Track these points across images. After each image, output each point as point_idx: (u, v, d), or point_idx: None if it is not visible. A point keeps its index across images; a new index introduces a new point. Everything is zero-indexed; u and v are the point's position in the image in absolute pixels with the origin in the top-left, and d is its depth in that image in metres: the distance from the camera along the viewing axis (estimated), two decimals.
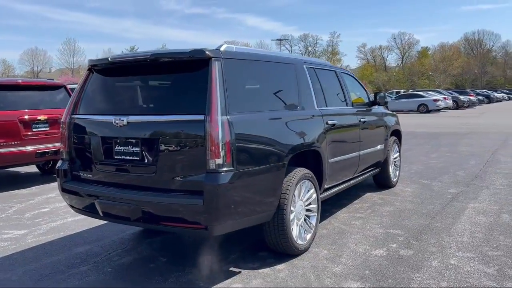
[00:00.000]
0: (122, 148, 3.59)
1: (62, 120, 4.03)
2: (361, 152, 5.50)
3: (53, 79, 9.61)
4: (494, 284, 3.36)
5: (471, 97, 37.27)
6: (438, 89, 40.98)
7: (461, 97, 35.76)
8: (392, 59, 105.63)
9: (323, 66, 5.21)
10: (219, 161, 3.18)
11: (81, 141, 3.90)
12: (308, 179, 4.13)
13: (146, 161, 3.47)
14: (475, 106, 38.82)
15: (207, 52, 3.33)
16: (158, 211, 3.37)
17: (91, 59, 4.02)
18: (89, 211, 3.84)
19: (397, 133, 6.95)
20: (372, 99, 6.20)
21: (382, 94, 6.23)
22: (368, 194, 6.43)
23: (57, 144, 7.78)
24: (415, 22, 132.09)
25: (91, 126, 3.82)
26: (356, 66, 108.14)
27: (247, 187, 3.40)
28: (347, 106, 5.41)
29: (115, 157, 3.64)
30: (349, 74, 5.98)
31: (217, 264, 3.91)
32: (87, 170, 3.85)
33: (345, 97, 5.44)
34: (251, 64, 3.78)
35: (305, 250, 4.10)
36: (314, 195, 4.27)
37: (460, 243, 4.26)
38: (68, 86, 8.69)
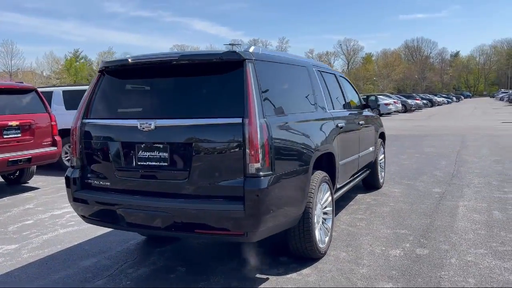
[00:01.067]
0: (147, 153, 3.41)
1: (72, 126, 3.77)
2: (360, 154, 5.59)
3: (22, 82, 9.01)
4: None
5: (417, 101, 39.21)
6: (388, 94, 42.65)
7: (409, 101, 37.55)
8: (339, 65, 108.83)
9: (326, 69, 5.25)
10: (259, 165, 3.10)
11: (95, 147, 3.68)
12: (326, 182, 4.13)
13: (176, 167, 3.32)
14: (421, 109, 40.86)
15: (241, 54, 3.25)
16: (193, 218, 3.22)
17: (105, 60, 3.80)
18: (108, 221, 3.62)
19: (382, 135, 7.14)
20: (363, 102, 6.32)
21: (373, 97, 6.38)
22: (359, 196, 6.53)
23: (32, 151, 7.32)
24: (359, 29, 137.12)
25: (109, 131, 3.60)
26: None
27: (282, 191, 3.34)
28: (346, 109, 5.48)
29: (138, 163, 3.45)
30: (344, 77, 6.07)
31: (241, 271, 3.81)
32: (103, 177, 3.63)
33: (344, 100, 5.51)
34: (274, 66, 3.73)
35: (325, 253, 4.09)
36: (330, 198, 4.28)
37: (468, 240, 4.42)
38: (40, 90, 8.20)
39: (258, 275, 3.74)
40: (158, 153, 3.37)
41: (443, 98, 60.09)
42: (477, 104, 53.00)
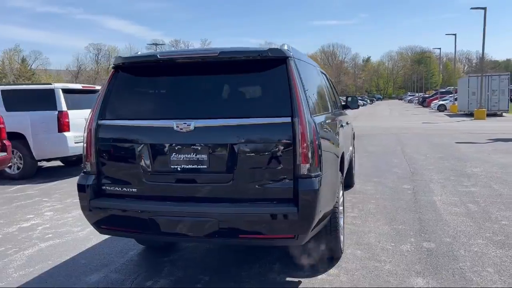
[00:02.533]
0: (182, 156, 3.17)
1: (87, 127, 3.41)
2: (348, 152, 5.72)
3: None
4: None
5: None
6: None
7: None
8: None
9: (319, 68, 5.29)
10: (309, 165, 3.03)
11: (116, 151, 3.36)
12: (341, 182, 4.16)
13: (218, 169, 3.13)
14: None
15: (284, 51, 3.16)
16: (241, 223, 3.06)
17: (121, 57, 3.46)
18: (137, 230, 3.32)
19: (353, 135, 7.37)
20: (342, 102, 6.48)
21: (354, 98, 6.54)
22: None
23: None
24: (279, 33, 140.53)
25: (134, 132, 3.30)
26: None
27: (326, 191, 3.29)
28: (337, 109, 5.57)
29: (172, 166, 3.20)
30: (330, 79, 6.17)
31: (268, 276, 3.70)
32: (127, 183, 3.32)
33: (335, 100, 5.60)
34: (303, 65, 3.67)
35: (342, 252, 4.12)
36: (342, 197, 4.32)
37: (464, 232, 4.70)
38: None
39: (288, 279, 3.66)
40: (196, 156, 3.15)
41: (360, 101, 63.70)
42: (390, 106, 56.84)
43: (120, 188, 3.34)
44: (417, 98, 58.51)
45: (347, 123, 5.78)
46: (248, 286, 3.53)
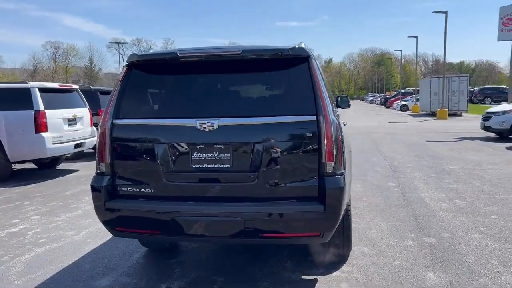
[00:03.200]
0: (204, 155, 3.13)
1: (101, 127, 3.29)
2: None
3: None
4: None
5: None
6: None
7: None
8: None
9: None
10: (334, 163, 3.06)
11: (133, 151, 3.26)
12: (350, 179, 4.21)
13: (242, 169, 3.10)
14: None
15: (306, 50, 3.17)
16: (266, 222, 3.04)
17: (136, 54, 3.36)
18: (155, 231, 3.23)
19: None
20: None
21: (344, 97, 6.61)
22: None
23: None
24: (242, 33, 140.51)
25: (153, 131, 3.22)
26: None
27: (348, 189, 3.33)
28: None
29: (193, 166, 3.15)
30: None
31: (282, 275, 3.70)
32: (146, 184, 3.24)
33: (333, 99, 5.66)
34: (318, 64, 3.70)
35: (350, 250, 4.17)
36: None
37: (459, 227, 4.87)
38: None
39: (304, 277, 3.68)
40: (219, 155, 3.11)
41: None
42: (354, 107, 57.94)
43: (137, 189, 3.25)
44: (379, 99, 60.06)
45: (343, 124, 5.85)
46: (267, 285, 3.52)
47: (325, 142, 3.01)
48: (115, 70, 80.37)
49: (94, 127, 9.83)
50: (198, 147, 3.13)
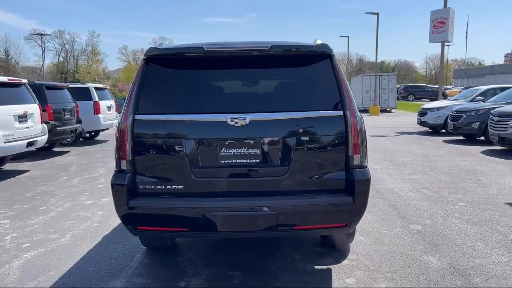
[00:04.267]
0: (233, 150, 3.13)
1: (121, 123, 3.16)
2: None
3: None
4: (503, 237, 4.42)
5: None
6: None
7: None
8: None
9: None
10: (360, 156, 3.20)
11: (156, 147, 3.17)
12: None
13: (273, 163, 3.14)
14: None
15: (329, 47, 3.27)
16: (298, 215, 3.11)
17: (157, 48, 3.26)
18: (183, 228, 3.17)
19: None
20: None
21: None
22: None
23: None
24: (170, 27, 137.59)
25: (179, 127, 3.15)
26: (118, 67, 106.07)
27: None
28: None
29: (222, 161, 3.14)
30: None
31: (296, 266, 3.80)
32: (172, 181, 3.17)
33: None
34: None
35: None
36: None
37: (436, 214, 5.27)
38: None
39: (317, 267, 3.80)
40: (248, 150, 3.13)
41: None
42: None
43: (162, 186, 3.17)
44: None
45: None
46: (286, 277, 3.59)
47: (352, 136, 3.15)
48: (34, 64, 74.78)
49: (44, 124, 9.26)
50: (227, 143, 3.12)
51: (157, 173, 3.18)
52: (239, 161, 3.14)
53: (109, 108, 14.30)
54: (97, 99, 13.53)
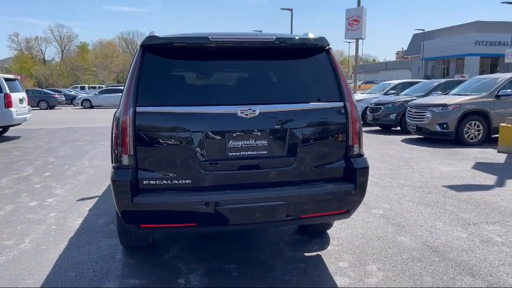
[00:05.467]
0: (241, 142, 3.10)
1: (120, 115, 2.96)
2: None
3: None
4: (455, 216, 4.92)
5: None
6: None
7: None
8: (52, 52, 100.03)
9: None
10: (358, 145, 3.36)
11: (160, 140, 3.03)
12: None
13: (280, 154, 3.17)
14: None
15: (327, 40, 3.37)
16: (306, 204, 3.18)
17: (157, 36, 3.08)
18: (192, 223, 3.08)
19: None
20: None
21: None
22: None
23: None
24: (69, 15, 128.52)
25: (185, 119, 3.03)
26: (8, 56, 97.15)
27: None
28: None
29: (229, 154, 3.10)
30: None
31: (287, 254, 3.88)
32: (176, 175, 3.05)
33: None
34: None
35: None
36: None
37: (390, 198, 5.68)
38: None
39: (307, 254, 3.92)
40: (256, 141, 3.12)
41: None
42: None
43: (168, 181, 3.04)
44: None
45: None
46: (281, 265, 3.66)
47: (352, 126, 3.29)
48: None
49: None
50: (235, 135, 3.09)
51: (162, 167, 3.05)
52: (246, 153, 3.12)
53: (21, 101, 13.07)
54: (8, 91, 12.28)
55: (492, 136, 10.44)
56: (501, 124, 9.56)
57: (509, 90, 10.42)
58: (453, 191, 6.02)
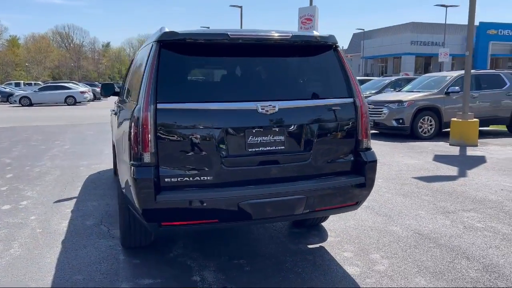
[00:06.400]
0: (260, 138, 3.14)
1: (140, 112, 2.90)
2: None
3: None
4: (433, 205, 5.25)
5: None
6: (75, 82, 40.53)
7: (97, 89, 37.28)
8: None
9: None
10: (367, 139, 3.51)
11: (182, 137, 3.01)
12: None
13: (297, 149, 3.25)
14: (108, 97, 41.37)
15: (335, 38, 3.49)
16: (322, 197, 3.28)
17: (175, 32, 3.03)
18: (213, 220, 3.07)
19: None
20: None
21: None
22: None
23: None
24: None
25: (207, 116, 3.02)
26: None
27: None
28: None
29: (249, 149, 3.13)
30: None
31: (291, 247, 3.98)
32: (198, 172, 3.04)
33: None
34: None
35: None
36: None
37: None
38: None
39: (310, 246, 4.03)
40: (273, 137, 3.18)
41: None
42: None
43: (190, 178, 3.02)
44: None
45: None
46: (289, 258, 3.74)
47: (361, 120, 3.43)
48: None
49: None
50: (254, 131, 3.12)
51: (183, 164, 3.02)
52: (265, 148, 3.17)
53: None
54: None
55: (443, 130, 11.15)
56: (452, 119, 10.24)
57: (457, 87, 11.16)
58: (424, 182, 6.40)
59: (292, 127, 3.24)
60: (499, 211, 4.99)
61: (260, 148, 3.16)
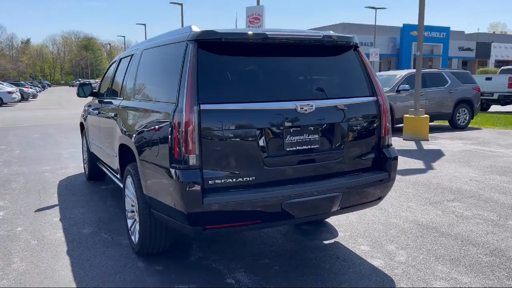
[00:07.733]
0: (296, 137, 3.17)
1: (182, 114, 2.81)
2: None
3: None
4: (418, 197, 5.57)
5: (28, 89, 36.47)
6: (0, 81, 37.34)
7: (25, 89, 34.78)
8: None
9: None
10: (388, 137, 3.65)
11: (225, 138, 2.96)
12: None
13: (331, 147, 3.31)
14: (36, 97, 38.94)
15: (357, 38, 3.59)
16: (355, 194, 3.37)
17: (215, 31, 2.96)
18: (257, 221, 3.05)
19: None
20: None
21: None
22: None
23: None
24: None
25: (249, 116, 3.00)
26: None
27: None
28: None
29: (287, 149, 3.14)
30: None
31: (307, 244, 4.04)
32: (241, 172, 3.00)
33: None
34: None
35: None
36: None
37: None
38: None
39: (325, 242, 4.12)
40: (309, 136, 3.22)
41: (32, 88, 58.24)
42: (68, 93, 54.64)
43: (233, 179, 2.97)
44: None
45: None
46: (310, 255, 3.80)
47: (384, 118, 3.57)
48: None
49: None
50: (292, 130, 3.14)
51: (226, 165, 2.96)
52: (301, 147, 3.20)
53: None
54: None
55: (395, 126, 11.78)
56: (405, 116, 10.86)
57: (406, 86, 11.84)
58: (399, 176, 6.73)
59: (326, 125, 3.29)
60: (479, 200, 5.40)
61: (297, 147, 3.18)
